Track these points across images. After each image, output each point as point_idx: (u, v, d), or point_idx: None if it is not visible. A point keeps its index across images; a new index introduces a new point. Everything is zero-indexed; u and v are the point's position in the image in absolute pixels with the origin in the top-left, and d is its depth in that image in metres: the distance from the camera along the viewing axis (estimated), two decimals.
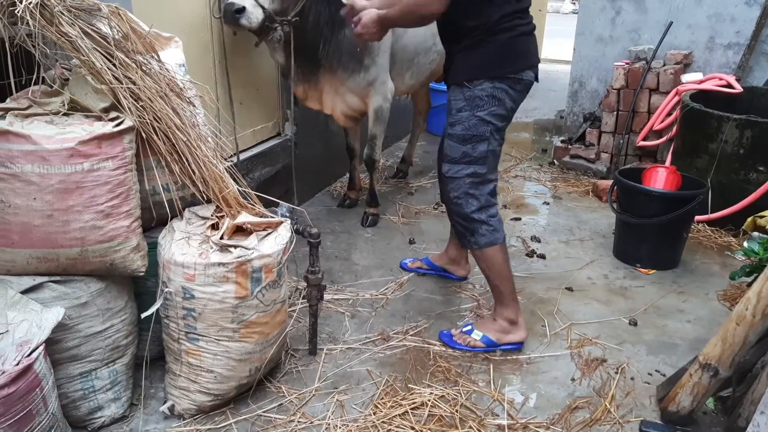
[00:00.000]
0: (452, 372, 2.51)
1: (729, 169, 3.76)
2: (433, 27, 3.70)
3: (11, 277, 1.96)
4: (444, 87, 4.70)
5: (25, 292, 1.93)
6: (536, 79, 2.51)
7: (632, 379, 2.51)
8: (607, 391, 2.42)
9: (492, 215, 2.52)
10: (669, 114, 4.53)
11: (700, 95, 4.24)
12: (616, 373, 2.53)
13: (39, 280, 1.97)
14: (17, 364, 1.69)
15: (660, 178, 3.40)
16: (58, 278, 2.00)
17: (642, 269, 3.42)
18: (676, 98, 4.46)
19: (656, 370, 2.56)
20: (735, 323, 2.02)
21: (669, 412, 2.22)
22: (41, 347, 1.78)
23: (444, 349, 2.66)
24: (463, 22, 2.38)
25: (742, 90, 4.27)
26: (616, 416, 2.29)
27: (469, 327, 2.70)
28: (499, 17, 2.33)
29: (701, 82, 4.47)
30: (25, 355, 1.73)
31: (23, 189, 1.86)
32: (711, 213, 3.84)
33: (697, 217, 3.80)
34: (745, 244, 2.66)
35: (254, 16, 2.91)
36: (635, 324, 2.88)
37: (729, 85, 4.34)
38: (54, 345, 1.95)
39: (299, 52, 3.22)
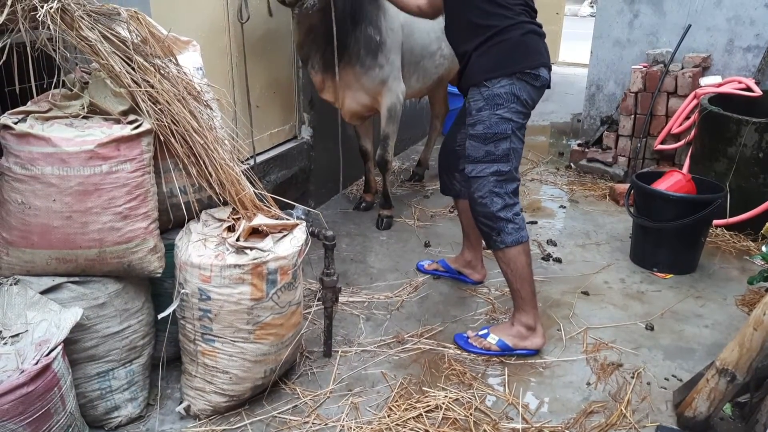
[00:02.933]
0: (467, 375, 2.50)
1: (748, 173, 3.73)
2: (438, 32, 3.74)
3: (31, 278, 1.99)
4: None
5: (44, 292, 1.96)
6: (548, 84, 2.51)
7: (648, 383, 2.49)
8: (623, 396, 2.40)
9: (516, 213, 2.52)
10: (687, 117, 4.49)
11: (719, 98, 4.20)
12: (632, 377, 2.51)
13: (58, 280, 2.00)
14: (36, 363, 1.71)
15: (671, 184, 3.37)
16: (76, 279, 2.03)
17: (659, 273, 3.40)
18: (695, 101, 4.42)
19: (673, 375, 2.54)
20: (753, 328, 2.00)
21: (685, 418, 2.20)
22: (60, 347, 1.80)
23: (459, 352, 2.66)
24: (476, 22, 2.41)
25: (761, 93, 4.22)
26: (631, 421, 2.27)
27: (485, 331, 2.69)
28: (510, 15, 2.38)
29: (720, 85, 4.44)
30: (44, 354, 1.75)
31: (43, 191, 1.89)
32: (729, 217, 3.80)
33: (715, 222, 3.77)
34: (764, 248, 2.63)
35: None
36: (652, 328, 2.86)
37: (748, 89, 4.30)
38: (72, 345, 1.98)
39: (323, 39, 3.22)
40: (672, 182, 3.38)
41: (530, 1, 2.46)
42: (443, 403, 2.32)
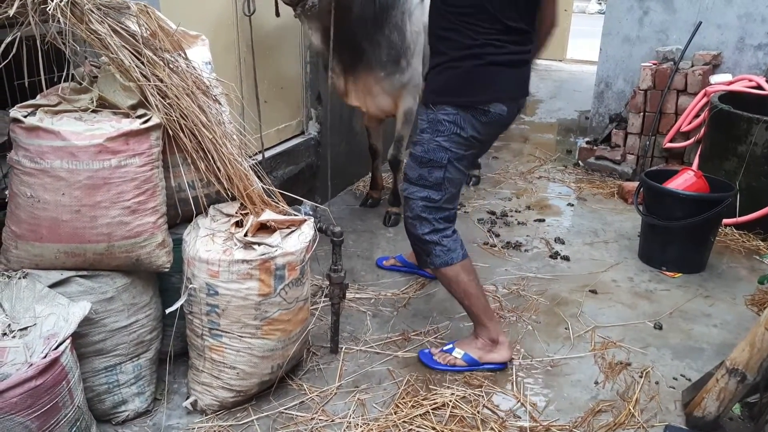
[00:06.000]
0: (474, 373, 2.49)
1: (758, 172, 3.70)
2: None
3: (39, 271, 1.99)
4: None
5: (52, 286, 1.96)
6: (517, 111, 2.37)
7: (657, 383, 2.48)
8: (631, 395, 2.39)
9: (446, 236, 2.40)
10: (697, 115, 4.47)
11: (729, 96, 4.17)
12: (641, 376, 2.50)
13: (66, 274, 2.00)
14: (44, 357, 1.71)
15: (684, 182, 3.35)
16: (84, 273, 2.03)
17: (668, 272, 3.38)
18: (705, 99, 4.40)
19: (681, 375, 2.53)
20: (764, 328, 1.99)
21: (694, 418, 2.19)
22: (68, 341, 1.80)
23: None
24: (435, 44, 2.33)
25: None
26: (640, 420, 2.26)
27: (450, 345, 2.58)
28: (468, 44, 2.21)
29: (730, 83, 4.41)
30: (52, 348, 1.75)
31: (52, 184, 1.89)
32: (739, 216, 3.78)
33: (724, 221, 3.75)
34: None
35: None
36: (660, 327, 2.85)
37: (759, 87, 4.27)
38: (80, 339, 1.98)
39: (341, 44, 3.19)
40: (685, 180, 3.36)
41: (510, 21, 2.19)
42: (450, 401, 2.32)
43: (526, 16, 2.23)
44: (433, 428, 2.19)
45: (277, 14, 3.15)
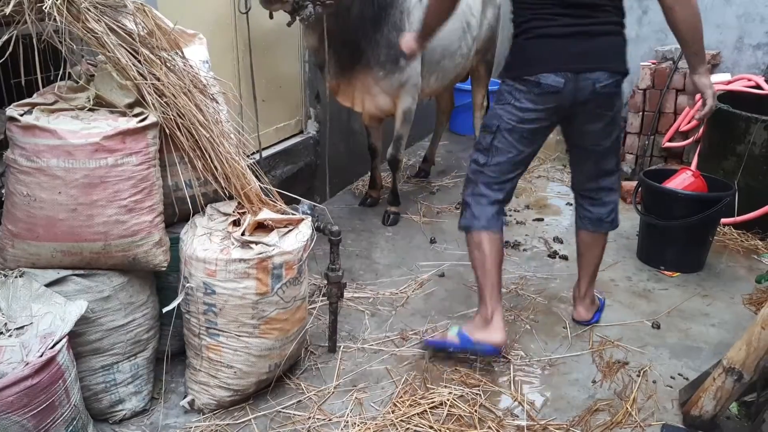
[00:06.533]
0: (472, 372, 2.49)
1: (757, 172, 3.70)
2: (459, 31, 3.72)
3: (36, 270, 1.99)
4: (467, 86, 4.71)
5: (49, 285, 1.96)
6: (591, 85, 2.31)
7: (654, 382, 2.48)
8: (629, 394, 2.39)
9: (479, 202, 2.48)
10: None
11: (728, 96, 4.16)
12: (638, 376, 2.50)
13: (63, 273, 1.99)
14: (41, 356, 1.71)
15: (683, 182, 3.35)
16: (81, 272, 2.02)
17: (666, 272, 3.38)
18: None
19: (679, 374, 2.52)
20: (761, 327, 1.99)
21: (691, 417, 2.19)
22: (64, 339, 1.80)
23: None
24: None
25: None
26: (637, 419, 2.26)
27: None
28: (519, 21, 2.35)
29: (729, 82, 4.40)
30: (49, 347, 1.75)
31: (48, 183, 1.89)
32: (737, 216, 3.76)
33: (723, 220, 3.74)
34: None
35: None
36: (658, 327, 2.85)
37: (758, 86, 4.27)
38: (77, 338, 1.98)
39: (338, 43, 3.20)
40: (684, 180, 3.36)
41: None
42: (448, 400, 2.31)
43: None
44: (431, 427, 2.19)
45: (271, 17, 3.15)
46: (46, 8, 1.85)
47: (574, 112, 2.39)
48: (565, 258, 3.50)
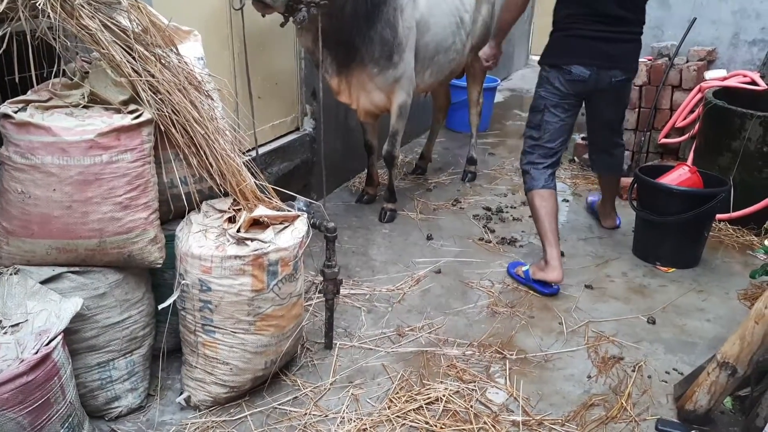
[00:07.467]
0: (468, 368, 2.50)
1: (752, 167, 3.71)
2: (453, 26, 3.73)
3: (31, 267, 1.99)
4: (463, 83, 4.71)
5: (44, 282, 1.96)
6: (609, 79, 3.00)
7: (649, 377, 2.49)
8: (624, 389, 2.40)
9: (536, 168, 3.11)
10: (691, 111, 4.47)
11: (724, 92, 4.17)
12: (633, 371, 2.51)
13: (58, 270, 1.99)
14: (36, 353, 1.71)
15: (679, 177, 3.36)
16: (76, 269, 2.02)
17: (662, 267, 3.39)
18: (699, 95, 4.40)
19: (674, 369, 2.53)
20: (754, 322, 2.00)
21: (686, 411, 2.20)
22: (60, 336, 1.80)
23: (459, 345, 2.65)
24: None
25: (766, 87, 4.19)
26: (632, 414, 2.27)
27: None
28: (561, 17, 3.00)
29: (725, 79, 4.40)
30: (44, 344, 1.75)
31: (43, 180, 1.89)
32: (733, 211, 3.78)
33: (718, 216, 3.75)
34: (767, 242, 2.62)
35: None
36: (653, 322, 2.86)
37: (753, 83, 4.27)
38: (72, 335, 1.98)
39: (333, 42, 3.20)
40: (679, 176, 3.37)
41: (601, 6, 2.87)
42: (444, 396, 2.32)
43: (631, 7, 2.94)
44: (427, 423, 2.20)
45: (263, 15, 3.14)
46: (39, 5, 1.85)
47: (595, 96, 3.13)
48: (561, 254, 3.49)
